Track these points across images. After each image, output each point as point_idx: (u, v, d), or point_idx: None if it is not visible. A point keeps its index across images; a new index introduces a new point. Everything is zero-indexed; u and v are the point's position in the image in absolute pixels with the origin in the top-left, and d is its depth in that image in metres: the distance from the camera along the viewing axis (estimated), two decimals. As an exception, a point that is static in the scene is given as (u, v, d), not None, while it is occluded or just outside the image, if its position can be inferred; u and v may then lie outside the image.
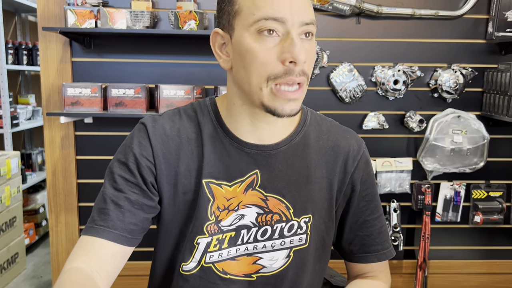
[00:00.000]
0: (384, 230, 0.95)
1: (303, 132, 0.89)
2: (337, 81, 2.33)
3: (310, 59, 0.78)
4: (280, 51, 0.74)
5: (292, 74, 0.75)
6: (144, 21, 2.15)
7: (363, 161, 0.92)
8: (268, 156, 0.86)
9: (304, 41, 0.77)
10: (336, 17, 2.32)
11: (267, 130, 0.85)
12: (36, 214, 3.31)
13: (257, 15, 0.74)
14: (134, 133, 0.86)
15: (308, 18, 0.76)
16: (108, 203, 0.81)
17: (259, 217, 0.87)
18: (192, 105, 0.90)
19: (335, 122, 0.96)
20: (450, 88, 2.33)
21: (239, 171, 0.85)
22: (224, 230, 0.86)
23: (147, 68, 2.32)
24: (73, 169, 2.37)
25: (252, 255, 0.88)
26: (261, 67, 0.75)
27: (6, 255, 2.66)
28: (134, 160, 0.83)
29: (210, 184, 0.85)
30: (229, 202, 0.86)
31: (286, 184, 0.87)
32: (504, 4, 2.26)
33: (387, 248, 0.95)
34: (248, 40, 0.76)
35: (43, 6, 2.24)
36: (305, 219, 0.88)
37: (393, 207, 2.42)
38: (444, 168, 2.39)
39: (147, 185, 0.83)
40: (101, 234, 0.79)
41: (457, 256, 2.56)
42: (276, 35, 0.75)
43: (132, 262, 0.91)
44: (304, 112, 0.92)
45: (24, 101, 3.80)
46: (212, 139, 0.85)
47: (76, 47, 2.29)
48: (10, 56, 3.27)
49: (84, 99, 2.14)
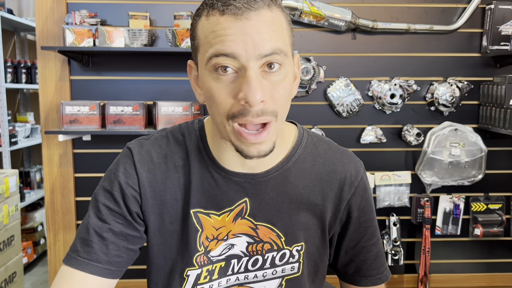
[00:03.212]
0: (381, 255, 0.92)
1: (296, 156, 0.84)
2: (334, 96, 2.35)
3: (276, 94, 0.70)
4: (237, 89, 0.68)
5: (248, 115, 0.68)
6: (142, 39, 2.17)
7: (361, 187, 0.87)
8: (258, 184, 0.82)
9: (268, 75, 0.69)
10: (332, 33, 2.35)
11: (255, 161, 0.78)
12: (34, 232, 3.28)
13: (209, 51, 0.69)
14: (120, 159, 0.83)
15: (267, 49, 0.67)
16: (92, 235, 0.78)
17: (250, 246, 0.84)
18: (181, 127, 0.86)
19: (333, 144, 0.90)
20: (447, 101, 2.34)
21: (228, 200, 0.82)
22: (213, 261, 0.83)
23: (145, 85, 2.34)
24: (72, 187, 2.37)
25: (243, 285, 0.86)
26: (219, 105, 0.70)
27: (3, 274, 2.63)
28: (119, 189, 0.79)
29: (198, 214, 0.82)
30: (218, 232, 0.83)
31: (276, 212, 0.83)
32: (497, 18, 2.29)
33: (382, 272, 0.92)
34: (207, 77, 0.71)
35: (41, 26, 2.26)
36: (297, 248, 0.85)
37: (393, 221, 2.42)
38: (442, 181, 2.39)
39: (132, 215, 0.80)
40: (83, 268, 0.76)
41: (458, 269, 2.55)
42: (232, 71, 0.69)
43: (125, 281, 0.90)
44: (300, 133, 0.87)
45: (23, 119, 3.80)
46: (200, 167, 0.82)
47: (74, 66, 2.31)
48: (9, 75, 3.28)
49: (83, 117, 2.15)
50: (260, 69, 0.69)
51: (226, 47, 0.67)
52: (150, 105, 2.29)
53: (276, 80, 0.70)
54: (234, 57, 0.67)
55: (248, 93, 0.66)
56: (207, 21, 0.70)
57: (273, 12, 0.70)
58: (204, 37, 0.71)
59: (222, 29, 0.68)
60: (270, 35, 0.68)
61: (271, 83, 0.70)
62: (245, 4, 0.67)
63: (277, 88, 0.70)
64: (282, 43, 0.70)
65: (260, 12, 0.68)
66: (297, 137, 0.86)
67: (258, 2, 0.68)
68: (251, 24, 0.67)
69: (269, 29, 0.68)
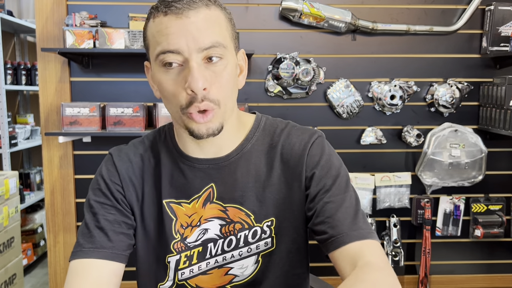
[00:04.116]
0: (351, 211, 0.83)
1: (255, 138, 0.90)
2: (334, 97, 2.35)
3: (218, 83, 0.78)
4: (184, 80, 0.77)
5: (195, 101, 0.77)
6: (142, 40, 2.17)
7: (315, 147, 0.88)
8: (221, 168, 0.88)
9: (210, 65, 0.77)
10: (332, 34, 2.35)
11: (213, 146, 0.87)
12: (34, 234, 3.28)
13: (157, 49, 0.77)
14: (103, 163, 0.93)
15: (207, 42, 0.76)
16: (91, 229, 0.85)
17: (223, 228, 0.89)
18: (154, 131, 0.96)
19: (292, 123, 0.93)
20: (447, 103, 2.34)
21: (195, 188, 0.88)
22: (191, 247, 0.89)
23: (145, 87, 2.34)
24: (72, 189, 2.37)
25: (222, 266, 0.90)
26: (172, 97, 0.79)
27: (3, 276, 2.63)
28: (105, 185, 0.89)
29: (170, 203, 0.89)
30: (191, 219, 0.89)
31: (242, 192, 0.88)
32: (497, 19, 2.29)
33: (359, 230, 0.80)
34: (158, 73, 0.80)
35: (42, 27, 2.27)
36: (267, 223, 0.89)
37: (393, 222, 2.41)
38: (443, 182, 2.39)
39: (121, 205, 0.89)
40: (91, 255, 0.82)
41: (458, 270, 2.54)
42: (177, 65, 0.77)
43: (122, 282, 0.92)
44: (257, 118, 0.93)
45: (23, 120, 3.80)
46: (169, 160, 0.90)
47: (74, 67, 2.31)
48: (9, 76, 3.29)
49: (83, 118, 2.15)
50: (202, 60, 0.77)
51: (170, 45, 0.75)
52: (150, 107, 2.29)
53: (217, 70, 0.78)
54: (178, 53, 0.76)
55: (191, 81, 0.75)
56: (153, 22, 0.79)
57: (211, 10, 0.78)
58: (152, 36, 0.79)
59: (166, 28, 0.76)
60: (209, 30, 0.76)
61: (214, 73, 0.77)
62: (185, 5, 0.76)
63: (219, 77, 0.78)
64: (220, 36, 0.78)
65: (199, 11, 0.76)
66: (254, 122, 0.93)
67: (196, 3, 0.76)
68: (191, 21, 0.75)
69: (208, 25, 0.77)
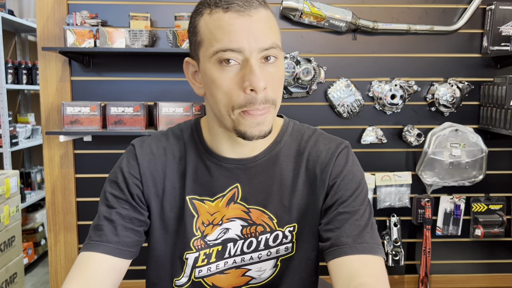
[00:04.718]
0: (360, 223, 0.82)
1: (283, 142, 0.90)
2: (334, 97, 2.35)
3: (274, 83, 0.78)
4: (241, 79, 0.75)
5: (256, 103, 0.76)
6: (142, 40, 2.18)
7: (340, 157, 0.88)
8: (248, 169, 0.88)
9: (266, 66, 0.77)
10: (333, 33, 2.35)
11: (247, 147, 0.87)
12: (35, 233, 3.29)
13: (216, 46, 0.75)
14: (124, 154, 0.91)
15: (267, 43, 0.76)
16: (101, 220, 0.85)
17: (244, 229, 0.88)
18: (179, 125, 0.95)
19: (319, 130, 0.94)
20: (447, 102, 2.34)
21: (220, 186, 0.88)
22: (210, 245, 0.89)
23: (146, 86, 2.34)
24: (72, 188, 2.37)
25: (240, 267, 0.90)
26: (225, 96, 0.77)
27: (4, 275, 2.63)
28: (123, 178, 0.87)
29: (193, 200, 0.88)
30: (213, 217, 0.88)
31: (267, 195, 0.88)
32: (498, 18, 2.29)
33: (363, 244, 0.80)
34: (211, 70, 0.78)
35: (42, 26, 2.27)
36: (289, 228, 0.89)
37: (393, 222, 2.41)
38: (443, 182, 2.39)
39: (136, 201, 0.87)
40: (95, 248, 0.82)
41: (458, 270, 2.54)
42: (235, 63, 0.76)
43: (125, 281, 0.91)
44: (285, 122, 0.93)
45: (24, 120, 3.80)
46: (195, 156, 0.89)
47: (75, 66, 2.31)
48: (9, 76, 3.29)
49: (83, 117, 2.15)
50: (259, 61, 0.76)
51: (233, 43, 0.74)
52: (151, 106, 2.29)
53: (272, 71, 0.78)
54: (239, 51, 0.75)
55: (253, 80, 0.74)
56: (210, 17, 0.77)
57: (267, 11, 0.79)
58: (208, 32, 0.77)
59: (228, 25, 0.75)
60: (268, 30, 0.77)
61: (269, 73, 0.77)
62: (246, 3, 0.75)
63: (274, 77, 0.78)
64: (277, 38, 0.79)
65: (259, 10, 0.76)
66: (283, 125, 0.93)
67: (255, 2, 0.76)
68: (253, 20, 0.75)
69: (267, 25, 0.77)
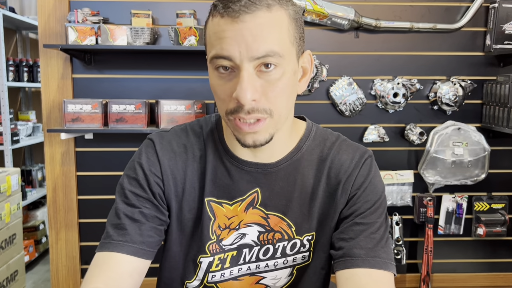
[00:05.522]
0: (376, 237, 0.81)
1: (305, 148, 0.87)
2: (336, 95, 2.34)
3: (273, 92, 0.73)
4: (233, 88, 0.72)
5: (241, 112, 0.72)
6: (144, 37, 2.17)
7: (363, 167, 0.86)
8: (269, 174, 0.84)
9: (264, 74, 0.72)
10: (335, 31, 2.34)
11: (264, 152, 0.83)
12: (36, 231, 3.29)
13: (212, 52, 0.73)
14: (142, 148, 0.87)
15: (261, 51, 0.70)
16: (123, 218, 0.81)
17: (261, 235, 0.86)
18: (199, 121, 0.90)
19: (342, 137, 0.91)
20: (450, 101, 2.33)
21: (239, 190, 0.85)
22: (225, 250, 0.86)
23: (148, 83, 2.33)
24: (74, 185, 2.37)
25: (254, 274, 0.87)
26: (221, 102, 0.76)
27: (5, 273, 2.63)
28: (144, 176, 0.83)
29: (211, 202, 0.85)
30: (230, 221, 0.85)
31: (287, 202, 0.85)
32: (501, 16, 2.28)
33: (375, 258, 0.79)
34: (211, 74, 0.76)
35: (44, 24, 2.26)
36: (308, 237, 0.86)
37: (395, 220, 2.41)
38: (445, 181, 2.38)
39: (157, 200, 0.84)
40: (119, 249, 0.78)
41: (460, 269, 2.54)
42: (231, 70, 0.73)
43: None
44: (308, 127, 0.90)
45: (25, 117, 3.80)
46: (214, 156, 0.85)
47: (76, 64, 2.30)
48: (11, 73, 3.28)
49: (85, 115, 2.15)
50: (256, 68, 0.72)
51: (223, 51, 0.71)
52: (152, 104, 2.29)
53: (272, 79, 0.72)
54: (230, 60, 0.71)
55: (239, 92, 0.70)
56: (212, 22, 0.74)
57: (273, 12, 0.71)
58: (208, 36, 0.75)
59: (221, 31, 0.71)
60: (265, 37, 0.70)
61: (267, 82, 0.72)
62: (242, 7, 0.69)
63: (273, 86, 0.73)
64: (277, 44, 0.71)
65: (257, 14, 0.70)
66: (306, 130, 0.89)
67: (255, 5, 0.70)
68: (246, 26, 0.70)
69: (264, 31, 0.70)
